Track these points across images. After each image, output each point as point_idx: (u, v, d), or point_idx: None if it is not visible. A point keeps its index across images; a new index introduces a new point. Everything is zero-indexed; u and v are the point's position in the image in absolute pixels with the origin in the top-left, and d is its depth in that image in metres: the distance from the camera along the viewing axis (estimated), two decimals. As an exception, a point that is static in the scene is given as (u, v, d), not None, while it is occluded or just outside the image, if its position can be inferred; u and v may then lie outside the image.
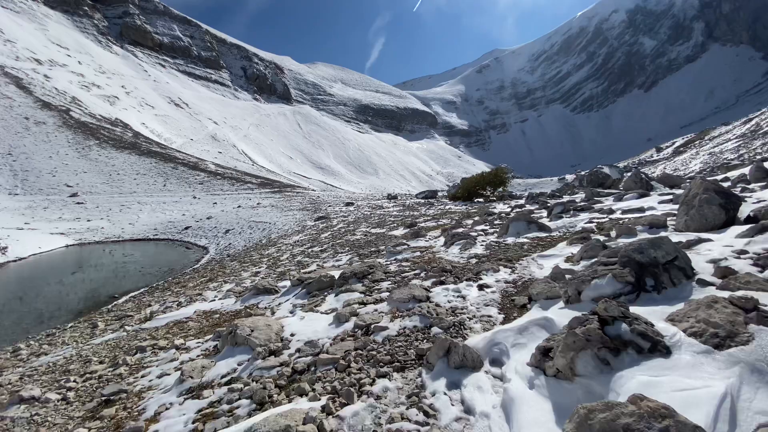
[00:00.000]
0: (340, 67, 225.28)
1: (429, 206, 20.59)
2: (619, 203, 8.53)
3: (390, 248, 7.15)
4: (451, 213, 14.96)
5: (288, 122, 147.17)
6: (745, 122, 61.31)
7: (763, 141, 35.36)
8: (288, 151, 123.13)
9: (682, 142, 74.65)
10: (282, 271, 7.94)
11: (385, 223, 14.24)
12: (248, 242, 21.36)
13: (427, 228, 10.64)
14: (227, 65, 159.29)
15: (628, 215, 6.81)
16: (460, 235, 6.87)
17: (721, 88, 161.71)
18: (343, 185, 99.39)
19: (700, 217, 4.24)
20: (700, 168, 30.30)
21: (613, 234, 5.23)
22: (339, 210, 27.35)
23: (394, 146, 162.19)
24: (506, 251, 5.21)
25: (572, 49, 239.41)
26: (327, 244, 11.10)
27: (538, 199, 14.15)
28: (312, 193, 54.84)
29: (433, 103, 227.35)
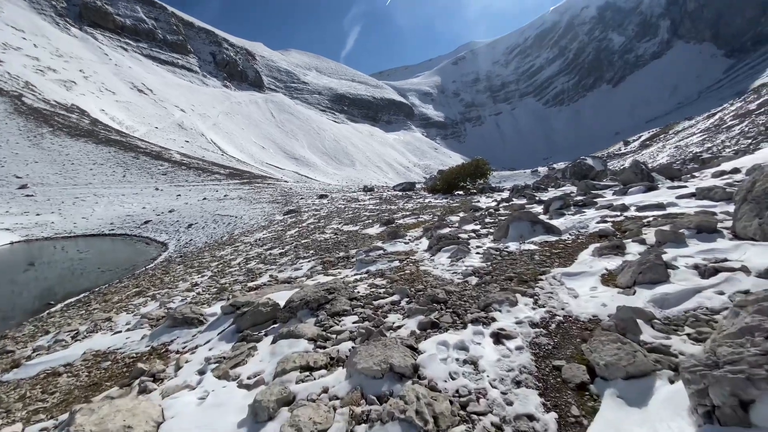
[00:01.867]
0: (314, 55, 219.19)
1: (407, 199, 19.28)
2: (625, 198, 7.44)
3: (362, 255, 5.74)
4: (431, 207, 13.68)
5: (260, 110, 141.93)
6: (708, 117, 63.59)
7: (727, 135, 36.21)
8: (260, 140, 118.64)
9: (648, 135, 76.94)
10: (224, 285, 6.37)
11: (359, 219, 12.79)
12: (210, 238, 19.53)
13: (407, 226, 9.28)
14: (195, 50, 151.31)
15: (646, 213, 5.68)
16: (447, 238, 5.53)
17: (684, 84, 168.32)
18: (318, 176, 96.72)
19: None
20: (668, 161, 30.56)
21: (648, 238, 4.03)
22: (311, 203, 25.58)
23: (370, 137, 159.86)
24: (514, 265, 3.92)
25: (545, 44, 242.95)
26: (290, 245, 9.55)
27: (524, 192, 13.08)
28: (284, 184, 52.45)
29: (410, 94, 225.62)
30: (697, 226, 3.82)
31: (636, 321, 2.11)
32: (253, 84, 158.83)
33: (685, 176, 9.56)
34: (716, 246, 3.24)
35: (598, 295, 2.83)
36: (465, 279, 3.68)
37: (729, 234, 3.70)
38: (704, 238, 3.67)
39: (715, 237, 3.66)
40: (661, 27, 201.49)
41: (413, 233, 7.94)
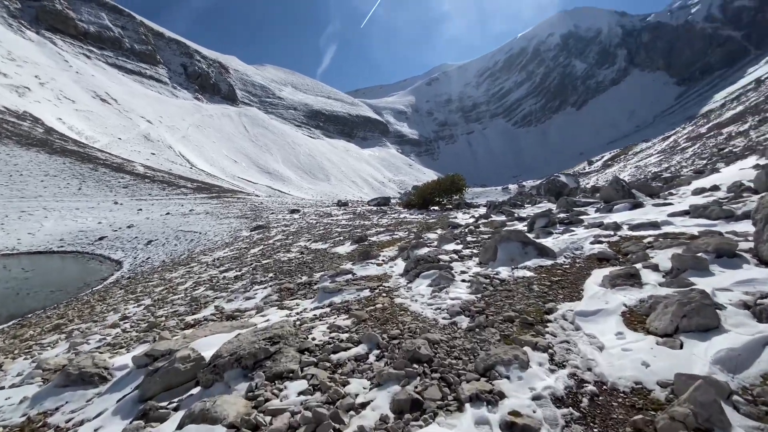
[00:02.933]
0: (290, 71, 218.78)
1: (382, 215, 18.54)
2: (612, 215, 7.01)
3: (327, 280, 4.88)
4: (407, 223, 12.98)
5: (233, 124, 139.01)
6: (664, 139, 67.80)
7: (681, 156, 38.32)
8: (232, 154, 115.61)
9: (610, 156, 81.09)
10: (158, 319, 5.30)
11: (330, 236, 11.89)
12: (170, 256, 18.03)
13: (380, 244, 8.48)
14: (165, 61, 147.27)
15: (642, 232, 5.18)
16: (426, 260, 4.78)
17: (640, 109, 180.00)
18: (292, 191, 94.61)
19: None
20: (629, 179, 31.72)
21: (660, 263, 3.43)
22: (282, 218, 24.35)
23: (346, 153, 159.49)
24: (510, 298, 3.20)
25: (513, 68, 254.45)
26: (249, 266, 8.51)
27: (502, 208, 12.64)
28: (255, 198, 50.64)
29: (385, 112, 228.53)
30: (716, 249, 3.25)
31: (722, 407, 1.40)
32: (227, 97, 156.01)
33: (664, 194, 9.36)
34: (751, 275, 2.65)
35: (630, 346, 2.14)
36: (452, 319, 2.91)
37: (753, 259, 3.15)
38: (727, 264, 3.10)
39: (739, 263, 3.09)
40: (619, 56, 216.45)
41: (387, 252, 7.16)
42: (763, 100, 50.04)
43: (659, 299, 2.47)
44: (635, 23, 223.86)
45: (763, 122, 32.48)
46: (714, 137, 41.50)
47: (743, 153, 22.47)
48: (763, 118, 35.47)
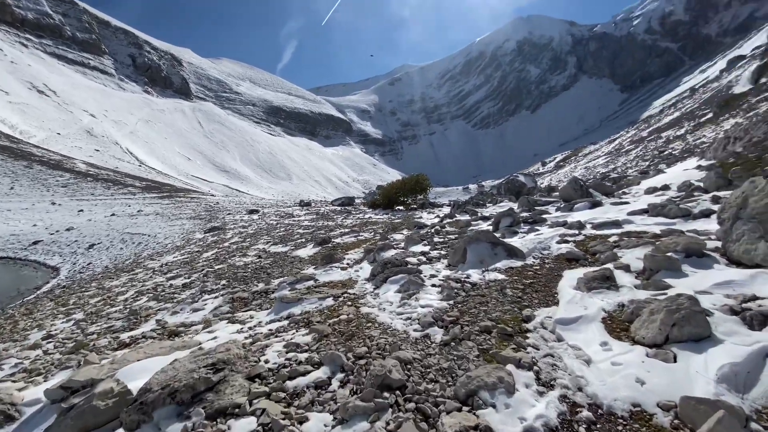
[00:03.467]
0: (248, 66, 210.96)
1: (346, 215, 18.13)
2: (573, 214, 7.12)
3: (286, 288, 4.45)
4: (372, 223, 12.68)
5: (186, 119, 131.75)
6: (610, 142, 72.60)
7: (626, 158, 41.11)
8: (186, 151, 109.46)
9: (562, 157, 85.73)
10: (90, 336, 4.62)
11: (291, 238, 11.33)
12: (115, 261, 16.51)
13: (345, 246, 8.11)
14: (111, 51, 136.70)
15: (605, 231, 5.22)
16: (394, 263, 4.50)
17: (588, 114, 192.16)
18: (251, 190, 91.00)
19: (806, 244, 2.48)
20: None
21: (630, 263, 3.37)
22: (239, 219, 23.17)
23: (308, 151, 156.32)
24: (485, 304, 2.98)
25: (472, 71, 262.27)
26: (200, 272, 7.82)
27: (466, 208, 12.69)
28: (211, 198, 48.11)
29: (348, 111, 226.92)
30: (685, 248, 3.23)
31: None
32: (179, 91, 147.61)
33: (618, 193, 9.73)
34: (727, 276, 2.60)
35: (619, 359, 1.96)
36: (425, 331, 2.63)
37: (722, 258, 3.15)
38: (697, 264, 3.07)
39: (709, 262, 3.08)
40: (569, 63, 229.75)
41: (353, 255, 6.80)
42: (698, 107, 54.91)
43: (641, 304, 2.34)
44: (584, 33, 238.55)
45: (698, 127, 35.52)
46: (654, 140, 44.92)
47: (682, 155, 24.39)
48: (697, 123, 38.83)
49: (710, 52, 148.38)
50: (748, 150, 10.39)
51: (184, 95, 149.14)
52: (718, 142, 13.93)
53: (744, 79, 46.69)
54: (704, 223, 4.55)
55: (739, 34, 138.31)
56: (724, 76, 70.76)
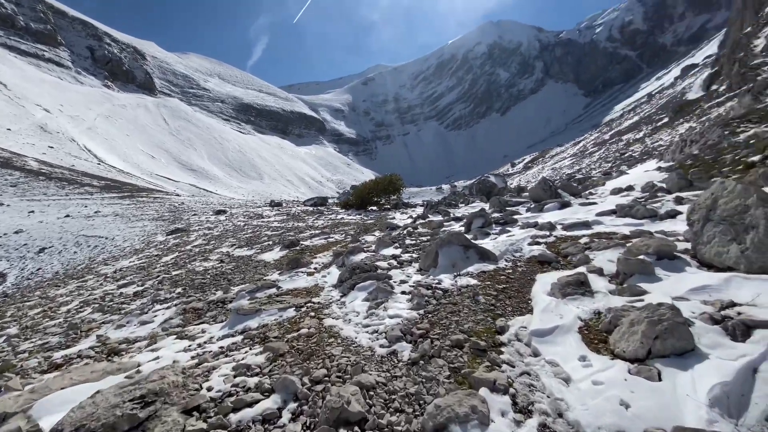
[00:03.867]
0: (217, 61, 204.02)
1: (318, 215, 17.68)
2: (543, 215, 7.12)
3: (245, 297, 4.09)
4: (344, 225, 12.37)
5: (150, 116, 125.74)
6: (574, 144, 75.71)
7: (590, 159, 42.93)
8: (149, 149, 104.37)
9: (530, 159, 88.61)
10: (20, 355, 4.08)
11: (258, 240, 10.83)
12: (67, 265, 15.26)
13: (314, 249, 7.77)
14: (68, 43, 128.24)
15: (575, 232, 5.20)
16: (363, 268, 4.24)
17: (555, 117, 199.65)
18: (220, 190, 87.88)
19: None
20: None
21: (603, 266, 3.28)
22: (205, 220, 22.12)
23: (280, 150, 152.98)
24: (456, 313, 2.78)
25: (445, 73, 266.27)
26: (155, 278, 7.25)
27: (438, 208, 12.62)
28: (176, 198, 45.96)
29: (321, 110, 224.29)
30: (657, 251, 3.17)
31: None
32: (143, 86, 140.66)
33: (585, 193, 9.93)
34: (702, 281, 2.53)
35: (600, 377, 1.80)
36: (392, 347, 2.38)
37: (692, 260, 3.10)
38: (670, 267, 3.01)
39: (681, 265, 3.02)
40: (537, 67, 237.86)
41: (321, 258, 6.49)
42: (655, 112, 58.00)
43: (619, 313, 2.20)
44: (550, 38, 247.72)
45: (655, 131, 37.50)
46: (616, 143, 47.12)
47: (641, 157, 25.60)
48: (655, 127, 41.01)
49: (666, 60, 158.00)
50: (703, 152, 10.90)
51: (148, 90, 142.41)
52: (675, 145, 14.61)
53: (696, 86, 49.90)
54: (671, 224, 4.59)
55: (692, 43, 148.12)
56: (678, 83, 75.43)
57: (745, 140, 10.09)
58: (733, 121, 12.59)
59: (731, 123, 12.37)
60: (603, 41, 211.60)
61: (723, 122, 12.91)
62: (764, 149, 7.71)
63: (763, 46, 32.52)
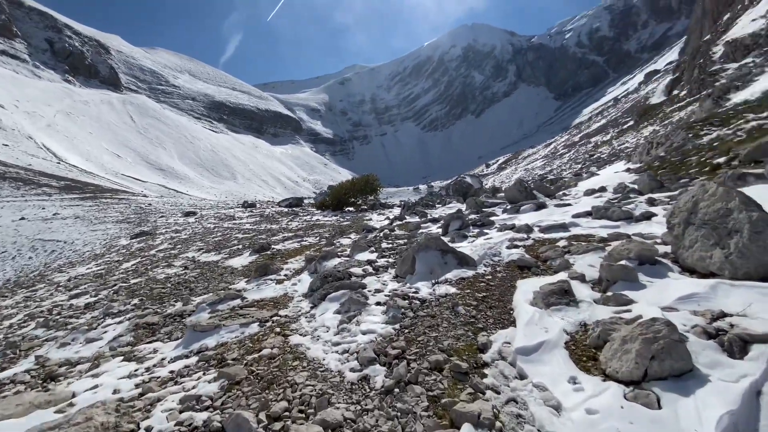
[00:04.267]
0: (187, 57, 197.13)
1: (293, 217, 17.20)
2: (520, 216, 7.06)
3: (205, 310, 3.74)
4: (319, 226, 12.00)
5: (116, 113, 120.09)
6: (546, 146, 78.00)
7: (560, 161, 44.25)
8: (115, 147, 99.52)
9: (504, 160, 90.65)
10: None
11: (228, 244, 10.32)
12: (20, 272, 14.13)
13: (286, 253, 7.41)
14: (24, 34, 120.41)
15: (553, 234, 5.12)
16: (335, 276, 3.97)
17: (527, 119, 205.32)
18: (191, 190, 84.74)
19: (763, 252, 2.36)
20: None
21: (585, 271, 3.16)
22: (173, 222, 21.13)
23: (255, 149, 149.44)
24: (434, 328, 2.56)
25: (421, 74, 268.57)
26: (112, 287, 6.70)
27: (415, 209, 12.47)
28: (143, 199, 43.91)
29: (297, 109, 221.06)
30: (638, 256, 3.07)
31: None
32: (107, 82, 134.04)
33: (559, 194, 10.02)
34: (688, 289, 2.43)
35: (594, 404, 1.63)
36: (363, 371, 2.12)
37: (674, 265, 3.02)
38: (652, 272, 2.91)
39: (663, 270, 2.93)
40: (510, 71, 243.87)
41: (293, 264, 6.15)
42: (620, 116, 60.42)
43: (607, 327, 2.05)
44: (523, 43, 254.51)
45: (621, 133, 38.99)
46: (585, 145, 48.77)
47: (609, 159, 26.48)
48: (621, 129, 42.66)
49: (630, 66, 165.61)
50: (669, 154, 11.26)
51: (113, 86, 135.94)
52: (643, 147, 15.10)
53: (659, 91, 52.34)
54: (647, 226, 4.57)
55: (655, 50, 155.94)
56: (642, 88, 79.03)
57: (709, 143, 10.49)
58: (696, 124, 13.11)
59: (694, 126, 12.87)
60: (572, 46, 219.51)
61: (686, 125, 13.42)
62: (728, 151, 7.98)
63: (722, 52, 34.43)
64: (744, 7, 40.15)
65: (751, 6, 38.36)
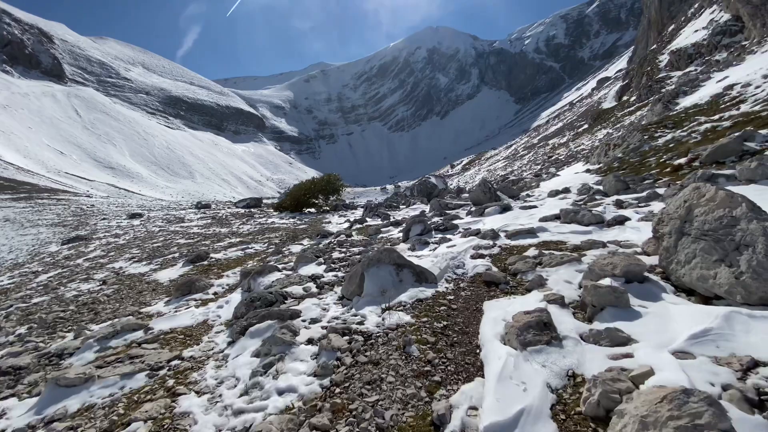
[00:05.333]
0: (141, 49, 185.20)
1: (247, 219, 16.01)
2: (484, 219, 6.56)
3: (91, 348, 2.85)
4: (272, 230, 11.03)
5: (59, 106, 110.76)
6: (507, 148, 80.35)
7: (521, 162, 45.47)
8: (58, 144, 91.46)
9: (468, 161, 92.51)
10: None
11: (165, 251, 9.17)
12: None
13: (225, 264, 6.48)
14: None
15: (520, 241, 4.61)
16: (265, 300, 3.19)
17: (489, 121, 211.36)
18: (144, 190, 79.22)
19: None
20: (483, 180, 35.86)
21: (567, 294, 2.60)
22: (115, 225, 19.15)
23: (214, 147, 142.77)
24: (375, 386, 1.88)
25: (387, 75, 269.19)
26: (6, 309, 5.48)
27: (378, 211, 11.82)
28: (86, 200, 40.19)
29: (260, 106, 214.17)
30: (625, 272, 2.56)
31: None
32: (49, 73, 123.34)
33: (523, 195, 9.72)
34: (695, 322, 1.91)
35: None
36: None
37: (665, 282, 2.52)
38: (643, 293, 2.40)
39: (655, 291, 2.43)
40: (473, 74, 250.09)
41: (226, 279, 5.27)
42: (576, 119, 63.14)
43: (609, 388, 1.46)
44: (485, 47, 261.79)
45: (577, 136, 40.53)
46: (543, 147, 50.42)
47: (567, 160, 27.20)
48: (576, 132, 44.41)
49: (584, 72, 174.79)
50: (628, 155, 11.35)
51: (56, 78, 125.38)
52: (600, 149, 15.34)
53: (610, 96, 55.16)
54: (620, 232, 4.15)
55: (606, 58, 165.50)
56: (595, 94, 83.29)
57: (664, 144, 10.64)
58: (650, 126, 13.41)
59: (649, 128, 13.15)
60: (531, 52, 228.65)
61: (642, 128, 13.71)
62: (687, 152, 7.97)
63: (667, 61, 36.65)
64: (687, 19, 43.11)
65: (693, 18, 41.24)
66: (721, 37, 32.35)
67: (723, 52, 30.23)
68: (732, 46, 29.90)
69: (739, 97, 11.81)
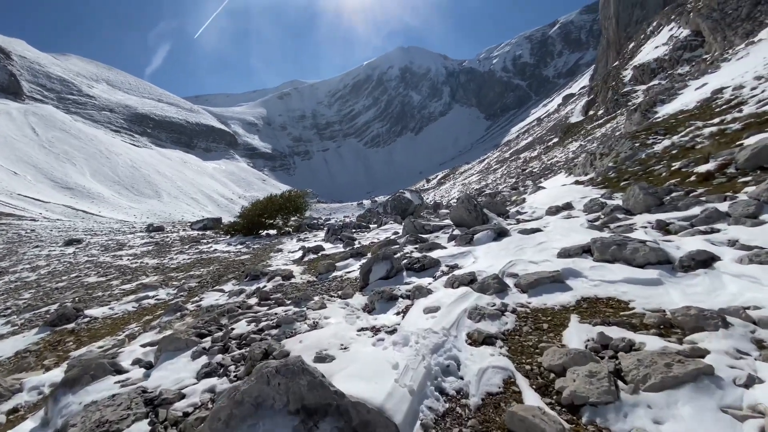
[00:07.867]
0: (105, 66, 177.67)
1: (192, 245, 13.67)
2: (477, 251, 4.73)
3: None
4: (208, 263, 8.85)
5: (14, 124, 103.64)
6: (480, 162, 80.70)
7: (494, 176, 44.87)
8: (11, 164, 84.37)
9: (443, 175, 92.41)
10: None
11: (47, 300, 6.85)
12: None
13: (95, 328, 4.34)
14: None
15: (545, 299, 2.82)
16: None
17: (462, 137, 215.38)
18: (105, 211, 73.43)
19: None
20: (458, 195, 34.82)
21: None
22: (45, 255, 16.07)
23: (183, 165, 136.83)
24: None
25: (361, 92, 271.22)
26: None
27: (341, 234, 9.87)
28: (29, 224, 35.88)
29: (233, 123, 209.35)
30: None
31: None
32: (6, 90, 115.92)
33: (512, 212, 8.05)
34: None
35: None
36: None
37: None
38: None
39: None
40: (444, 92, 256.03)
41: (52, 372, 3.17)
42: (545, 133, 63.95)
43: None
44: (455, 66, 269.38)
45: (548, 149, 40.33)
46: (515, 161, 50.24)
47: (542, 172, 26.31)
48: (547, 146, 44.36)
49: (549, 89, 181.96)
50: (623, 164, 10.02)
51: (13, 95, 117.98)
52: (585, 159, 14.09)
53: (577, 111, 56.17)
54: (711, 282, 2.41)
55: (569, 76, 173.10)
56: (561, 109, 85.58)
57: (664, 151, 9.39)
58: (638, 134, 12.30)
59: (638, 136, 12.01)
60: (499, 71, 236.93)
61: (630, 135, 12.59)
62: (707, 158, 6.57)
63: (631, 76, 37.26)
64: (647, 36, 44.50)
65: (652, 35, 42.55)
66: (682, 51, 33.00)
67: (685, 65, 30.77)
68: (693, 60, 30.47)
69: (735, 99, 10.84)
